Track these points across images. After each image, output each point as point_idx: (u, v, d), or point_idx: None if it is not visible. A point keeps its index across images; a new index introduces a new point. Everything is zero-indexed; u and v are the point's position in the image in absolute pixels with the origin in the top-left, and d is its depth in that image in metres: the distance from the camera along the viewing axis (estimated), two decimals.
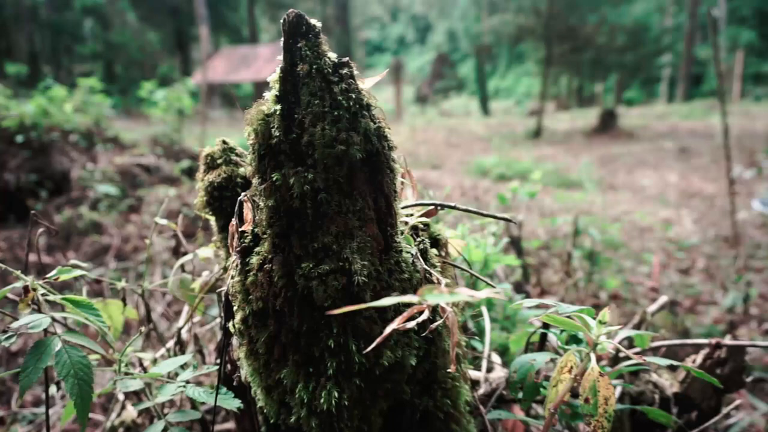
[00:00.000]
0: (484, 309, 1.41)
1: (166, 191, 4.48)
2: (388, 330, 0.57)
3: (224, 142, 0.91)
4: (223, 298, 0.79)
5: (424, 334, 0.74)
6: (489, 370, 1.25)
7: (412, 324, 0.60)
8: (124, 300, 1.05)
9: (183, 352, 1.13)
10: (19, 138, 4.82)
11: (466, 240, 1.71)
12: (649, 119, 16.09)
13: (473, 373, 1.23)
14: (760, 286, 3.36)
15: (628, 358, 1.19)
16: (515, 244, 2.72)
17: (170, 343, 1.12)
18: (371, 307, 0.56)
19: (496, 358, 1.29)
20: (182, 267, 1.21)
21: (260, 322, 0.76)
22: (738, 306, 2.93)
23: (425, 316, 0.60)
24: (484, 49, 23.72)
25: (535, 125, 14.28)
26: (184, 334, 1.15)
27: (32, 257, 3.87)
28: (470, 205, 5.57)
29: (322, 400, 0.73)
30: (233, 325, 0.80)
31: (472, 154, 10.61)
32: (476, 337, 1.42)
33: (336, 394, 0.73)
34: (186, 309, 1.21)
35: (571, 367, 0.80)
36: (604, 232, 3.77)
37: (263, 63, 19.42)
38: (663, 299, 1.27)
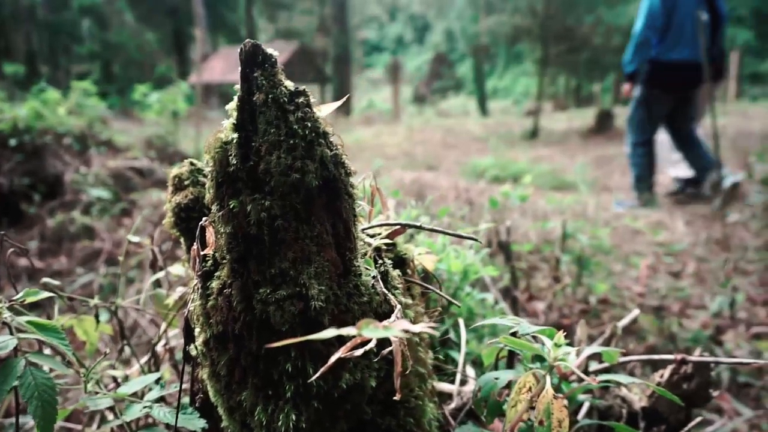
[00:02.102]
0: (460, 321, 1.42)
1: (158, 195, 4.49)
2: (333, 359, 0.59)
3: (192, 164, 0.92)
4: (183, 321, 0.80)
5: (376, 360, 0.75)
6: (463, 383, 1.26)
7: (359, 352, 0.61)
8: (97, 317, 1.06)
9: (158, 368, 1.14)
10: (13, 141, 4.84)
11: (447, 249, 1.72)
12: None
13: (446, 387, 1.25)
14: (749, 290, 3.37)
15: (600, 371, 1.21)
16: (504, 249, 2.73)
17: (144, 359, 1.14)
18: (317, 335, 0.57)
19: (470, 372, 1.30)
20: (158, 282, 1.23)
21: (221, 345, 0.78)
22: (724, 310, 2.94)
23: (373, 343, 0.61)
24: (482, 49, 23.74)
25: (532, 126, 14.30)
26: (159, 349, 1.17)
27: (24, 262, 3.88)
28: (464, 208, 5.58)
29: (280, 423, 0.74)
30: (195, 347, 0.81)
31: (469, 155, 10.62)
32: (455, 348, 1.43)
33: (294, 417, 0.74)
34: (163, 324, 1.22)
35: (530, 388, 0.82)
36: (595, 236, 3.78)
37: None
38: (635, 312, 1.29)
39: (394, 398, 0.63)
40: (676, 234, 4.77)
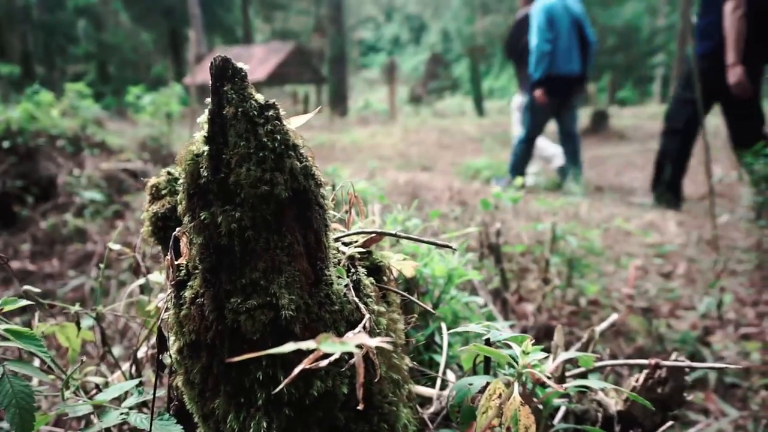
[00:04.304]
0: (443, 325, 1.43)
1: None
2: (296, 370, 0.60)
3: (169, 173, 0.93)
4: (156, 330, 0.82)
5: (347, 367, 0.76)
6: (444, 387, 1.27)
7: (324, 363, 0.62)
8: (78, 324, 1.07)
9: (139, 374, 1.15)
10: (6, 143, 4.84)
11: (431, 254, 1.74)
12: (642, 119, 16.13)
13: (426, 391, 1.26)
14: (738, 290, 3.39)
15: (577, 376, 1.22)
16: (494, 251, 2.75)
17: (126, 366, 1.15)
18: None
19: (451, 376, 1.31)
20: (141, 288, 1.24)
21: (194, 354, 0.79)
22: (712, 311, 2.96)
23: (337, 355, 0.62)
24: (478, 49, 23.74)
25: None
26: (141, 355, 1.18)
27: (18, 265, 3.87)
28: (456, 210, 5.60)
29: (251, 430, 0.76)
30: (170, 356, 0.82)
31: (464, 156, 10.64)
32: (440, 351, 1.45)
33: (265, 424, 0.75)
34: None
35: (500, 394, 0.83)
36: (585, 237, 3.80)
37: (257, 63, 19.43)
38: (613, 317, 1.30)
39: (358, 408, 0.64)
40: (667, 235, 4.80)
